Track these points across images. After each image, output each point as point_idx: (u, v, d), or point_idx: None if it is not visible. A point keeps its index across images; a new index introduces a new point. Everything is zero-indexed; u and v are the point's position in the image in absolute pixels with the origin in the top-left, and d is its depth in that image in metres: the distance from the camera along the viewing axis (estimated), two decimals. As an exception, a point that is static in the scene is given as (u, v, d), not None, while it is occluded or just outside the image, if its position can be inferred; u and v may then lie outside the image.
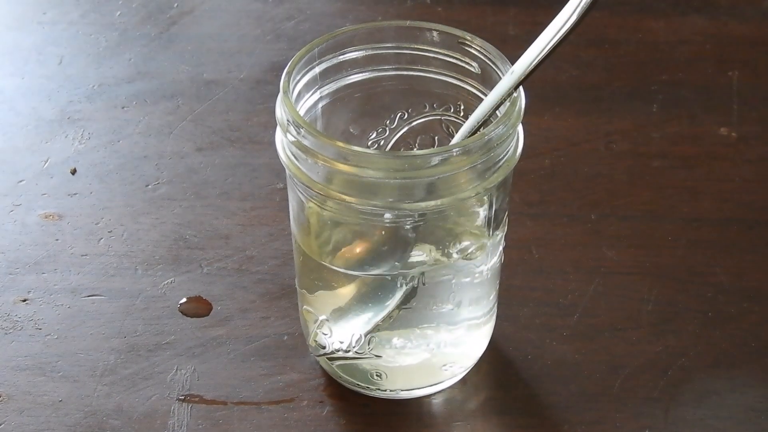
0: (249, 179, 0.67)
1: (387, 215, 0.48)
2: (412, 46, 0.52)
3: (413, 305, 0.51)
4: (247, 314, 0.59)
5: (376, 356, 0.52)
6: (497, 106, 0.48)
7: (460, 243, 0.51)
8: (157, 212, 0.65)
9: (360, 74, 0.52)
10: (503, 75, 0.48)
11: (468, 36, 0.50)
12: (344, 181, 0.47)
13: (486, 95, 0.49)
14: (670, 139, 0.69)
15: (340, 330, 0.52)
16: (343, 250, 0.52)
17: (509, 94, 0.47)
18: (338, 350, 0.53)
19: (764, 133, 0.70)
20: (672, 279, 0.61)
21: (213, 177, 0.67)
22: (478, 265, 0.51)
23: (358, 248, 0.51)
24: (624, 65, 0.75)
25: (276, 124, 0.48)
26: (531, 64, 0.46)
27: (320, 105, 0.52)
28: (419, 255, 0.51)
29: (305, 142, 0.46)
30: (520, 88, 0.48)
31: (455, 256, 0.51)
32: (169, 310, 0.59)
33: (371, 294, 0.51)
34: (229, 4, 0.81)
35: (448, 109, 0.53)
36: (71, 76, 0.74)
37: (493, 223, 0.50)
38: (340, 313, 0.52)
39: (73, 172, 0.67)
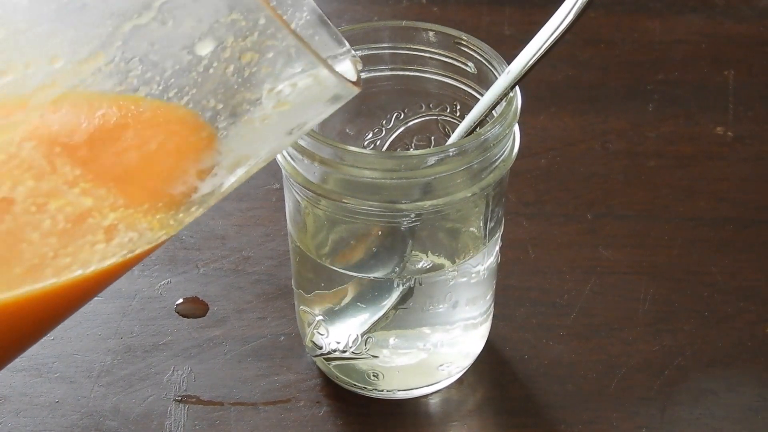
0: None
1: (383, 215, 0.48)
2: (408, 47, 0.52)
3: (410, 305, 0.51)
4: (243, 315, 0.59)
5: (373, 356, 0.52)
6: (493, 106, 0.48)
7: (456, 243, 0.51)
8: (154, 213, 0.65)
9: (356, 74, 0.52)
10: (499, 75, 0.48)
11: (464, 36, 0.50)
12: (340, 182, 0.47)
13: (482, 95, 0.49)
14: (666, 138, 0.70)
15: (336, 330, 0.52)
16: (340, 250, 0.52)
17: (505, 93, 0.47)
18: (335, 350, 0.53)
19: (760, 132, 0.70)
20: (668, 278, 0.61)
21: (209, 177, 0.67)
22: (474, 265, 0.51)
23: (356, 249, 0.51)
24: (620, 65, 0.75)
25: (272, 125, 0.48)
26: (527, 63, 0.47)
27: (316, 105, 0.52)
28: (416, 256, 0.51)
29: (301, 143, 0.46)
30: (516, 87, 0.48)
31: (453, 260, 0.51)
32: (166, 310, 0.59)
33: (368, 294, 0.51)
34: (225, 5, 0.81)
35: (444, 109, 0.53)
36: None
37: (489, 222, 0.50)
38: (337, 313, 0.52)
39: (69, 172, 0.67)
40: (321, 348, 0.53)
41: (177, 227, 0.41)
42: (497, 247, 0.53)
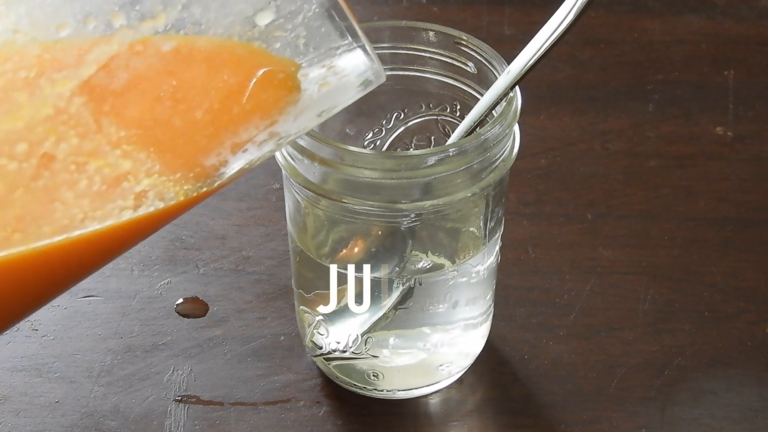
0: (245, 180, 0.67)
1: (383, 215, 0.48)
2: (408, 47, 0.52)
3: (410, 305, 0.51)
4: (243, 315, 0.59)
5: (373, 356, 0.52)
6: (493, 106, 0.48)
7: (456, 243, 0.51)
8: (153, 213, 0.65)
9: (356, 74, 0.52)
10: (499, 75, 0.48)
11: (464, 36, 0.50)
12: (340, 182, 0.47)
13: (482, 95, 0.49)
14: (666, 138, 0.70)
15: (336, 330, 0.52)
16: (340, 250, 0.52)
17: (505, 93, 0.47)
18: (335, 350, 0.53)
19: (760, 132, 0.70)
20: (668, 278, 0.61)
21: (209, 177, 0.67)
22: (474, 265, 0.51)
23: (356, 249, 0.51)
24: (620, 65, 0.75)
25: (272, 125, 0.48)
26: (527, 63, 0.47)
27: (316, 105, 0.52)
28: (416, 256, 0.51)
29: (301, 143, 0.46)
30: (516, 87, 0.48)
31: (453, 260, 0.51)
32: (166, 310, 0.59)
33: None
34: (225, 5, 0.81)
35: (444, 109, 0.53)
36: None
37: (489, 222, 0.50)
38: (337, 313, 0.52)
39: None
40: (321, 348, 0.53)
41: (196, 201, 0.41)
42: (497, 247, 0.53)
